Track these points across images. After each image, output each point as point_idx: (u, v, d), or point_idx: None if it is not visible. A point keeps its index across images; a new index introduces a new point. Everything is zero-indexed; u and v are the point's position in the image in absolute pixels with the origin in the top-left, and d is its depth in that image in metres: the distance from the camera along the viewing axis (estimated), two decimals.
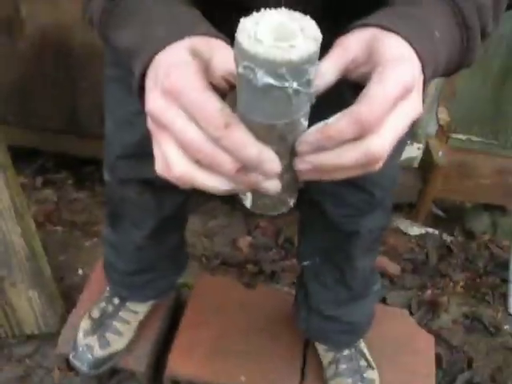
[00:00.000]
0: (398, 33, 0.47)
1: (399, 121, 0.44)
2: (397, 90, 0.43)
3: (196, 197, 1.68)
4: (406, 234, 1.89)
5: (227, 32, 0.47)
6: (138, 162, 0.95)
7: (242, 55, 0.41)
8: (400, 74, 0.44)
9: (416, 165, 1.78)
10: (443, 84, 1.59)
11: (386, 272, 1.71)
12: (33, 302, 1.33)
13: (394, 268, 1.72)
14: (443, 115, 1.66)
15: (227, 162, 0.43)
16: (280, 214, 0.56)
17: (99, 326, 1.27)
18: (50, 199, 1.80)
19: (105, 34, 0.57)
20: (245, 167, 0.43)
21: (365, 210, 1.01)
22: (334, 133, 0.43)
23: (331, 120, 0.44)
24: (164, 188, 0.87)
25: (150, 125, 0.46)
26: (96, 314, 1.30)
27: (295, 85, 0.41)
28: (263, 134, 0.44)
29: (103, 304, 1.31)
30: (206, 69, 0.46)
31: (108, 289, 1.33)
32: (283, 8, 0.42)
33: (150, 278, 1.25)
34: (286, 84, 0.40)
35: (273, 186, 0.45)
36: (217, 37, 0.49)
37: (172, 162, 0.44)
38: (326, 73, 0.46)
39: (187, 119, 0.43)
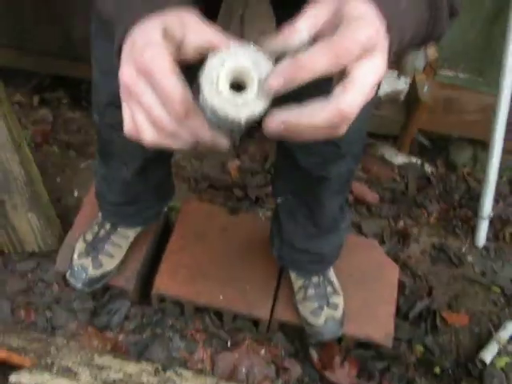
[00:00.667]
0: None
1: (366, 80, 0.47)
2: (363, 38, 0.46)
3: None
4: (390, 162, 1.95)
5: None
6: None
7: (201, 94, 0.48)
8: (362, 30, 0.46)
9: (402, 98, 1.82)
10: None
11: (364, 200, 1.80)
12: (32, 223, 1.45)
13: (372, 197, 1.81)
14: (431, 51, 1.67)
15: (187, 137, 0.50)
16: None
17: (92, 248, 1.38)
18: (46, 119, 1.85)
19: None
20: None
21: (332, 159, 1.07)
22: (306, 62, 0.45)
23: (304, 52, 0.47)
24: None
25: (122, 91, 0.51)
26: (89, 237, 1.40)
27: (242, 121, 0.48)
28: (215, 123, 0.51)
29: (96, 228, 1.41)
30: (177, 47, 0.50)
31: (100, 214, 1.43)
32: (251, 45, 0.47)
33: (137, 207, 1.35)
34: (234, 123, 0.48)
35: (224, 149, 0.52)
36: (192, 8, 0.51)
37: (141, 128, 0.50)
38: (302, 30, 0.48)
39: (155, 96, 0.48)
